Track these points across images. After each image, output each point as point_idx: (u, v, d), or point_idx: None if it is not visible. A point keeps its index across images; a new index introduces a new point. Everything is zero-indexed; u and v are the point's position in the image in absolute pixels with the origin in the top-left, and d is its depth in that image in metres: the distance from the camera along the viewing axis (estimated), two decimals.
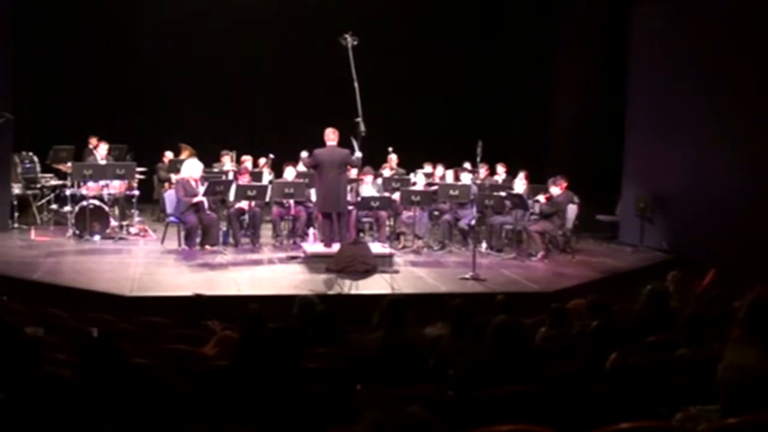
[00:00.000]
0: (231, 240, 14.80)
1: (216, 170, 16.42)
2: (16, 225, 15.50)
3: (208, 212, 14.26)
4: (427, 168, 17.63)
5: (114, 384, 4.98)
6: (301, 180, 15.20)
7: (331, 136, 13.69)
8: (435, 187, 15.88)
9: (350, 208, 14.25)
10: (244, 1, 19.49)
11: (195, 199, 14.03)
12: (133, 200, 15.86)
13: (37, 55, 18.68)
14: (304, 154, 14.88)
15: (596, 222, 17.44)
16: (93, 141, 16.71)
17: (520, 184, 15.46)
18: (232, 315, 8.33)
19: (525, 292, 12.21)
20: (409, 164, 17.82)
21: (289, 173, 15.49)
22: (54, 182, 16.72)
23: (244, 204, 14.73)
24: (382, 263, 13.18)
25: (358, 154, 13.44)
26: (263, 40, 19.94)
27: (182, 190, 14.11)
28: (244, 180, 14.97)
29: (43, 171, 16.88)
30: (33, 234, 15.06)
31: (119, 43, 19.45)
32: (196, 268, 12.98)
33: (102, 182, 15.06)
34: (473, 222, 15.09)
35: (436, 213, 16.04)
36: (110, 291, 11.19)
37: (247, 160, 16.56)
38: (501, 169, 17.13)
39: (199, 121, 19.18)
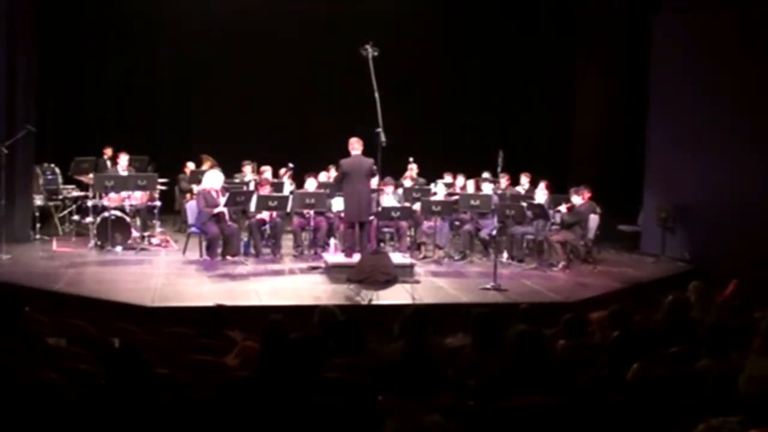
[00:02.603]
0: (252, 250, 14.80)
1: (237, 181, 16.44)
2: (38, 236, 15.57)
3: (230, 223, 14.29)
4: (448, 178, 17.61)
5: (137, 394, 5.00)
6: (323, 190, 15.21)
7: (355, 145, 13.68)
8: (456, 197, 15.86)
9: (371, 218, 14.24)
10: (265, 12, 19.52)
11: (216, 210, 14.06)
12: (155, 211, 15.91)
13: (60, 67, 18.77)
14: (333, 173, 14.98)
15: (618, 232, 17.40)
16: (108, 151, 16.80)
17: (541, 194, 15.43)
18: (254, 325, 8.34)
19: (546, 302, 12.17)
20: (430, 174, 17.79)
21: (311, 184, 15.48)
22: (76, 193, 16.81)
23: (265, 214, 14.75)
24: (403, 273, 13.17)
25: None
26: (284, 51, 19.96)
27: (203, 201, 14.14)
28: (265, 190, 14.99)
29: (65, 182, 16.97)
30: (55, 245, 15.12)
31: (141, 56, 19.53)
32: (217, 278, 13.01)
33: (124, 193, 15.11)
34: (494, 232, 15.06)
35: (457, 223, 16.01)
36: (132, 301, 11.22)
37: (267, 170, 16.59)
38: (525, 179, 17.05)
39: (220, 132, 19.24)
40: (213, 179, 14.50)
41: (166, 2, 19.45)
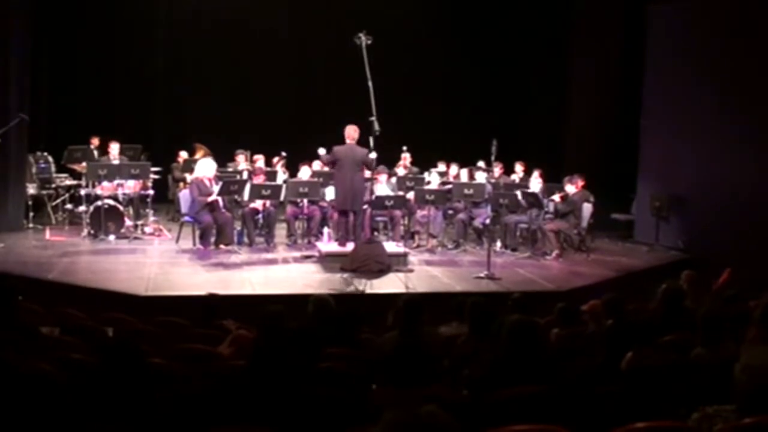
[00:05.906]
0: (245, 239, 14.80)
1: (230, 170, 16.40)
2: (31, 225, 15.55)
3: (223, 211, 14.27)
4: (441, 167, 17.58)
5: (132, 384, 4.99)
6: (316, 179, 15.19)
7: (352, 134, 13.65)
8: (449, 186, 15.84)
9: (365, 207, 14.22)
10: (259, 1, 19.49)
11: (209, 199, 14.03)
12: (148, 200, 15.89)
13: (53, 56, 18.72)
14: (321, 151, 14.74)
15: (611, 221, 17.43)
16: (95, 141, 16.78)
17: (535, 183, 15.42)
18: (247, 314, 8.32)
19: (540, 291, 12.17)
20: (423, 163, 17.78)
21: (305, 173, 15.47)
22: (69, 182, 16.79)
23: (258, 203, 14.74)
24: (397, 262, 13.15)
25: (372, 154, 13.43)
26: (278, 39, 19.94)
27: (196, 190, 14.11)
28: (259, 179, 14.96)
29: (58, 171, 16.94)
30: (48, 234, 15.10)
31: (135, 44, 19.48)
32: (210, 267, 12.98)
33: (117, 182, 15.09)
34: (488, 221, 15.08)
35: (450, 212, 16.01)
36: (125, 291, 11.20)
37: (260, 159, 16.55)
38: (519, 168, 17.05)
39: (213, 120, 19.19)
40: (205, 168, 14.46)
41: None
